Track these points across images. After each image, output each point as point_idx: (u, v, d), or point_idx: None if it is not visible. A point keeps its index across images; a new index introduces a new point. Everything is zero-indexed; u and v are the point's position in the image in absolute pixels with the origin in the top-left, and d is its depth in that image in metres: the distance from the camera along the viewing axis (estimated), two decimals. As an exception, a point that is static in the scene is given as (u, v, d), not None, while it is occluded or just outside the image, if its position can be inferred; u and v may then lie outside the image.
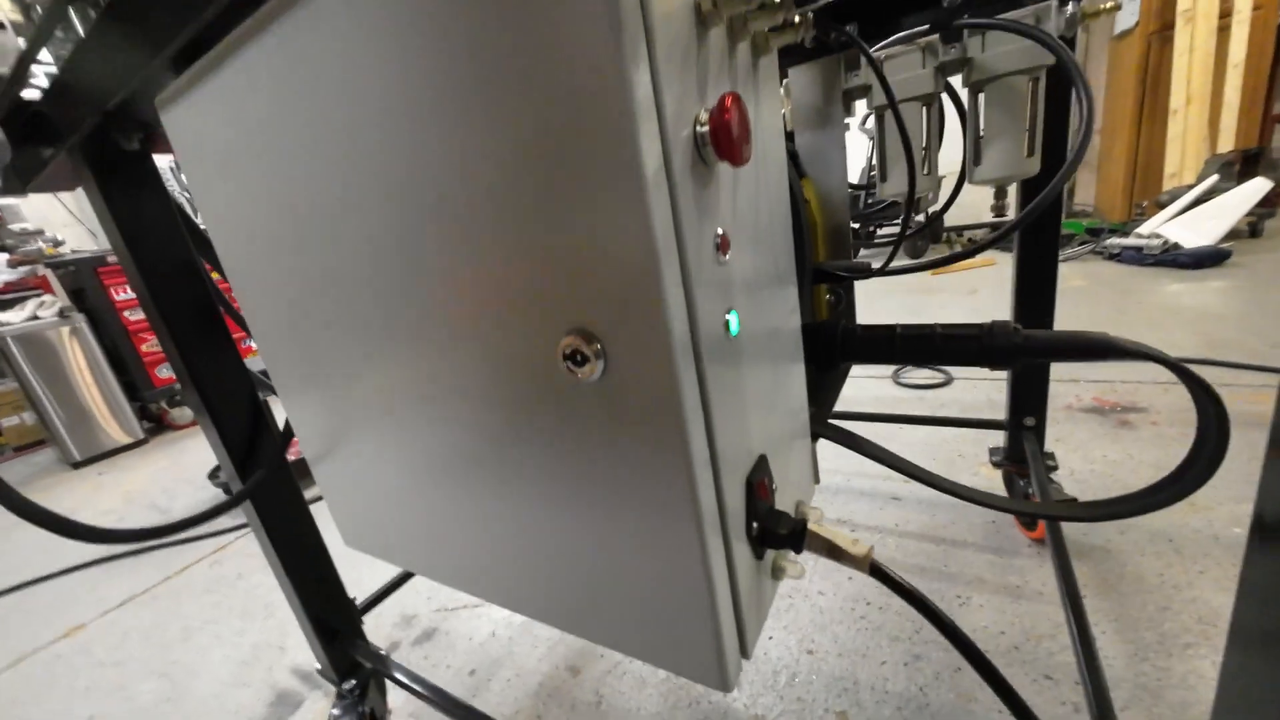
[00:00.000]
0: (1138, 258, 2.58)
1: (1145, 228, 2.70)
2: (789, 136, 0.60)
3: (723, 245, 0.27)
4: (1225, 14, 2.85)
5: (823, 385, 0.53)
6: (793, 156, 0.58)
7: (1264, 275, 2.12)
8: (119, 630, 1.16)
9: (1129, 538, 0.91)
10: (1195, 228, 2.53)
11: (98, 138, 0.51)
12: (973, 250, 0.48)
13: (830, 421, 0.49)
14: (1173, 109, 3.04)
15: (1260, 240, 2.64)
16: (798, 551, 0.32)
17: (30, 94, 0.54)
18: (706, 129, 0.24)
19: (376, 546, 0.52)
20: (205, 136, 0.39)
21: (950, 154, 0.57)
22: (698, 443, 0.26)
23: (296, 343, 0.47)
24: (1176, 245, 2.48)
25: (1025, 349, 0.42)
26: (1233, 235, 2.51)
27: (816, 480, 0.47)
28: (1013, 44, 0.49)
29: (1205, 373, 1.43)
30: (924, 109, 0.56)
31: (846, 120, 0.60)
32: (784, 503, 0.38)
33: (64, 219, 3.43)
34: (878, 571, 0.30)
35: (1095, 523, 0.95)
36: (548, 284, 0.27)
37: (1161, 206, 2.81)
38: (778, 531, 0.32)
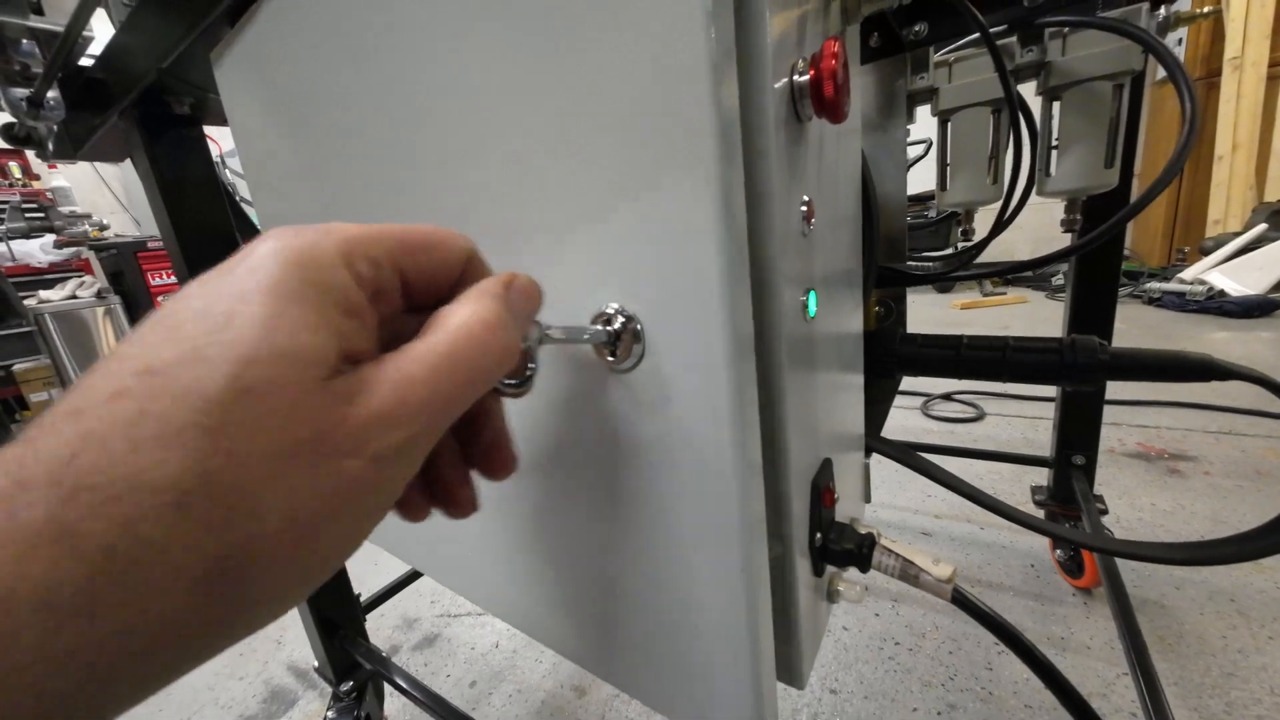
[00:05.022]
0: (1179, 303, 2.49)
1: (1188, 273, 2.61)
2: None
3: (808, 214, 0.24)
4: (1275, 63, 2.80)
5: (875, 397, 0.49)
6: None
7: (1318, 328, 2.02)
8: (119, 611, 1.14)
9: (1186, 594, 0.84)
10: (1241, 276, 2.44)
11: (149, 100, 0.51)
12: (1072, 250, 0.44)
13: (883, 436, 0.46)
14: (1218, 155, 2.97)
15: (1311, 293, 2.53)
16: (864, 570, 0.28)
17: (86, 61, 0.55)
18: (806, 79, 0.22)
19: (387, 538, 0.49)
20: (259, 94, 0.38)
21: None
22: (751, 455, 0.22)
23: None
24: (1221, 292, 2.39)
25: (1112, 367, 0.38)
26: (1281, 286, 2.41)
27: (868, 499, 0.44)
28: (1098, 47, 0.46)
29: (1258, 425, 1.35)
30: (993, 115, 0.53)
31: (908, 126, 0.58)
32: (840, 518, 0.35)
33: (111, 205, 3.56)
34: (961, 600, 0.26)
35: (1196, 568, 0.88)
36: (580, 240, 0.23)
37: (1204, 253, 2.72)
38: (843, 546, 0.28)
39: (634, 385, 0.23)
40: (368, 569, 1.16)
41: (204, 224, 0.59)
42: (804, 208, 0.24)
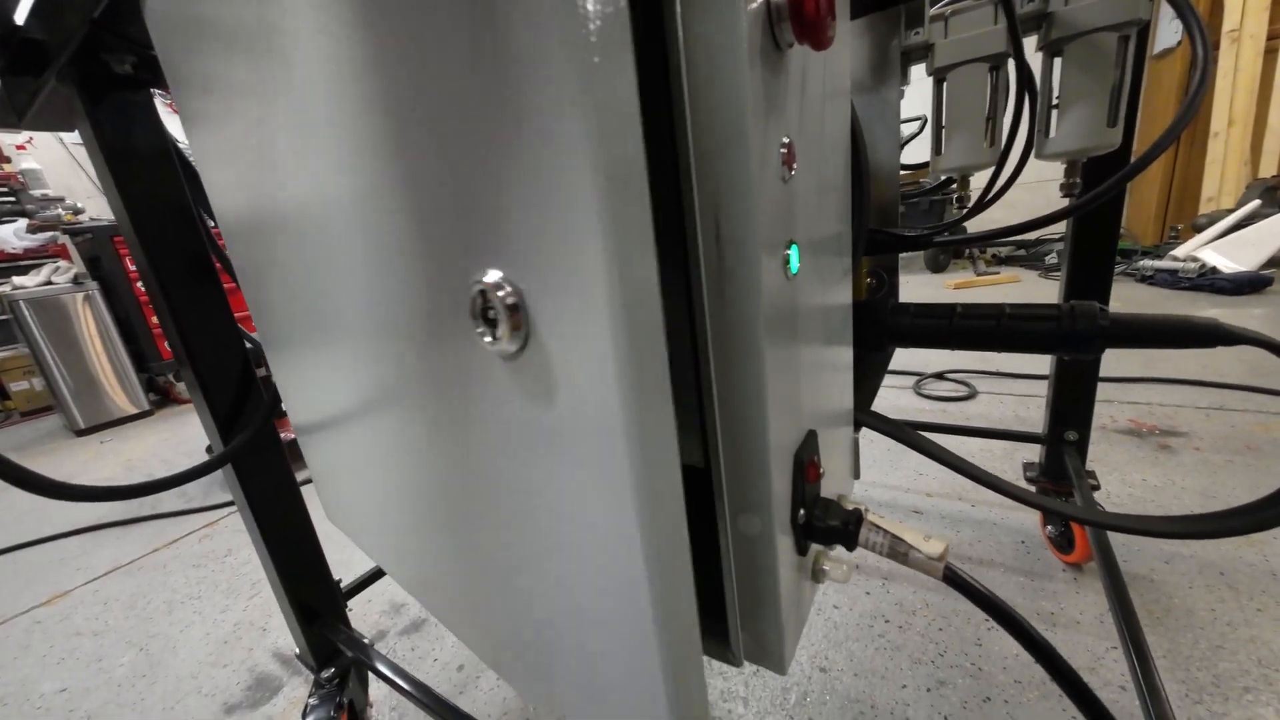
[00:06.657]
0: (1172, 281, 2.49)
1: (1181, 251, 2.60)
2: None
3: (788, 158, 0.22)
4: (1273, 36, 2.77)
5: (864, 371, 0.47)
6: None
7: (1309, 304, 2.02)
8: (101, 599, 1.13)
9: (1175, 567, 0.84)
10: (1234, 253, 2.44)
11: (87, 59, 0.47)
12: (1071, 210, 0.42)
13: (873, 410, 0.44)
14: (1213, 131, 2.95)
15: (1302, 269, 2.54)
16: (850, 548, 0.27)
17: (20, 17, 0.50)
18: (784, -3, 0.19)
19: (351, 527, 0.47)
20: (190, 37, 0.35)
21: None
22: (655, 450, 0.18)
23: (279, 292, 0.43)
24: (1214, 270, 2.39)
25: (1114, 334, 0.36)
26: (1273, 263, 2.41)
27: (856, 475, 0.42)
28: (1104, -6, 0.43)
29: (1248, 401, 1.35)
30: (991, 72, 0.50)
31: (902, 87, 0.55)
32: (827, 495, 0.33)
33: (88, 189, 3.45)
34: (952, 577, 0.25)
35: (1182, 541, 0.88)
36: (460, 197, 0.19)
37: (1198, 230, 2.71)
38: (828, 522, 0.27)
39: (522, 372, 0.20)
40: (355, 554, 1.15)
41: (157, 198, 0.56)
42: (783, 149, 0.22)
